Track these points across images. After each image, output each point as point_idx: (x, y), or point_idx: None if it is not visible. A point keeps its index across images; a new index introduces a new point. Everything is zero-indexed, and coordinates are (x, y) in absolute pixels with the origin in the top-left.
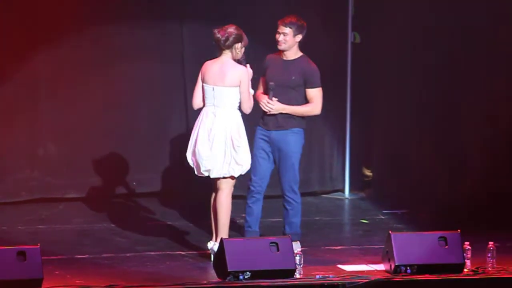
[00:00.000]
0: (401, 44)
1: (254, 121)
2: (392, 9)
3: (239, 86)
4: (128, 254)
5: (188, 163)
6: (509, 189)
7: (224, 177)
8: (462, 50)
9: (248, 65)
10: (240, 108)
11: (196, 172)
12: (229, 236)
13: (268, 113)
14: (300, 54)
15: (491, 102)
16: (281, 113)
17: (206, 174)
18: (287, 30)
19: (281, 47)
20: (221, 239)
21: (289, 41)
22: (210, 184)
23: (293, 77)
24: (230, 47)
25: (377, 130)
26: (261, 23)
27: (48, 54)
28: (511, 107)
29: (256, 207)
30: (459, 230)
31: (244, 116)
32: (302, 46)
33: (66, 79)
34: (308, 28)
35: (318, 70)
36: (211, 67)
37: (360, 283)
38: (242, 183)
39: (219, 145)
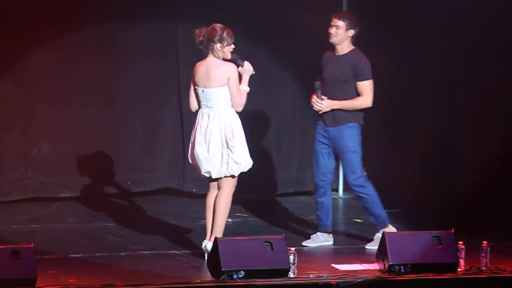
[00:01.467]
0: (396, 42)
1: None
2: (385, 8)
3: (228, 84)
4: (122, 253)
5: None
6: (503, 189)
7: (225, 176)
8: (457, 49)
9: (246, 62)
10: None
11: (199, 173)
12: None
13: (320, 112)
14: (351, 48)
15: (485, 102)
16: (335, 109)
17: (207, 175)
18: (340, 23)
19: (332, 40)
20: (215, 238)
21: (340, 34)
22: (205, 183)
23: (344, 72)
24: (208, 48)
25: (372, 129)
26: (257, 22)
27: (42, 54)
28: (505, 107)
29: (324, 200)
30: (452, 230)
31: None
32: (295, 45)
33: (59, 79)
34: (302, 29)
35: (369, 63)
36: (199, 69)
37: (354, 282)
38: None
39: (216, 146)
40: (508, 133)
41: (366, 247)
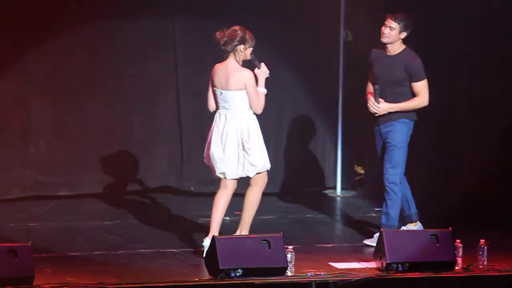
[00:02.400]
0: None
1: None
2: (383, 6)
3: (246, 90)
4: (120, 252)
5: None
6: (501, 188)
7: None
8: (456, 48)
9: (262, 64)
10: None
11: (213, 174)
12: (220, 233)
13: (376, 115)
14: (403, 47)
15: (484, 103)
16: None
17: (221, 176)
18: (395, 25)
19: (384, 40)
20: (213, 237)
21: (393, 36)
22: (203, 182)
23: (397, 73)
24: (232, 50)
25: (370, 128)
26: (254, 20)
27: (40, 52)
28: (504, 107)
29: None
30: (450, 228)
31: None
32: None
33: (57, 78)
34: (300, 26)
35: (421, 62)
36: (218, 71)
37: (352, 280)
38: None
39: (232, 148)
40: (506, 134)
41: (365, 241)
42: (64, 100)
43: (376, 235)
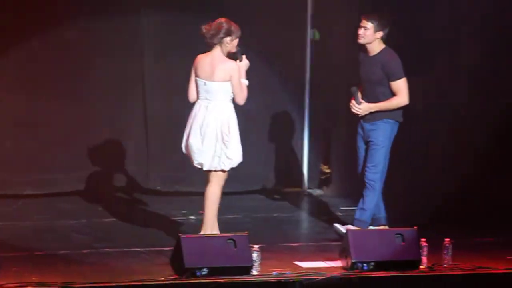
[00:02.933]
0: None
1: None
2: (351, 5)
3: (231, 81)
4: (86, 251)
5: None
6: (468, 188)
7: (215, 170)
8: (423, 46)
9: (244, 56)
10: (234, 101)
11: (191, 164)
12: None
13: (358, 116)
14: (382, 47)
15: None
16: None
17: (199, 167)
18: (369, 25)
19: (360, 41)
20: (178, 236)
21: (368, 36)
22: (169, 181)
23: (374, 72)
24: (218, 42)
25: (337, 127)
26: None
27: (5, 51)
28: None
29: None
30: (416, 227)
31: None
32: (262, 42)
33: (22, 76)
34: (268, 25)
35: (400, 62)
36: (202, 61)
37: (317, 279)
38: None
39: (210, 139)
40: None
41: (335, 224)
42: (30, 98)
43: (349, 226)
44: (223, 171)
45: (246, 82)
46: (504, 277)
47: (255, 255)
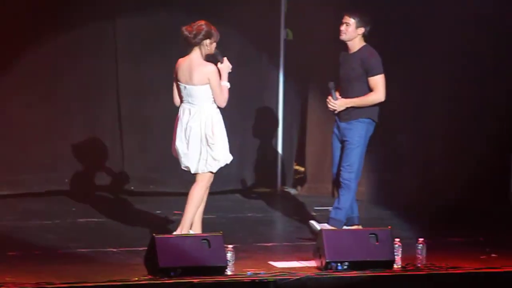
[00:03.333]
0: (335, 41)
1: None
2: (325, 5)
3: (209, 84)
4: (59, 251)
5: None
6: (440, 186)
7: (203, 172)
8: (395, 45)
9: (225, 59)
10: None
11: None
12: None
13: (335, 112)
14: (362, 44)
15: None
16: (349, 107)
17: (186, 170)
18: (351, 21)
19: (342, 37)
20: (152, 236)
21: (350, 32)
22: (143, 181)
23: (353, 69)
24: (198, 44)
25: (311, 127)
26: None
27: None
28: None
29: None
30: (389, 227)
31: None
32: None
33: None
34: (241, 24)
35: (379, 59)
36: (182, 65)
37: (291, 279)
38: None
39: (195, 143)
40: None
41: (311, 221)
42: (3, 100)
43: (324, 224)
44: (211, 172)
45: (227, 85)
46: (477, 277)
47: (229, 255)
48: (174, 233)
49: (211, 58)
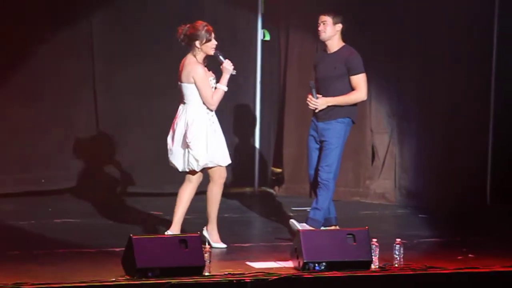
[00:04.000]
0: (312, 41)
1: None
2: (302, 6)
3: (195, 84)
4: (35, 252)
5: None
6: (415, 187)
7: (188, 171)
8: (370, 45)
9: (226, 61)
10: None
11: None
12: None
13: (316, 111)
14: (342, 44)
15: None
16: (330, 106)
17: (173, 167)
18: (326, 18)
19: (322, 36)
20: (130, 236)
21: (329, 30)
22: (116, 180)
23: (336, 68)
24: (188, 45)
25: (288, 128)
26: (171, 20)
27: None
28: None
29: None
30: (367, 227)
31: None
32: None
33: None
34: (218, 25)
35: (360, 57)
36: (180, 64)
37: (269, 280)
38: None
39: (178, 141)
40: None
41: (291, 220)
42: None
43: (303, 224)
44: (195, 171)
45: (222, 88)
46: (455, 277)
47: (207, 255)
48: (166, 232)
49: (215, 60)
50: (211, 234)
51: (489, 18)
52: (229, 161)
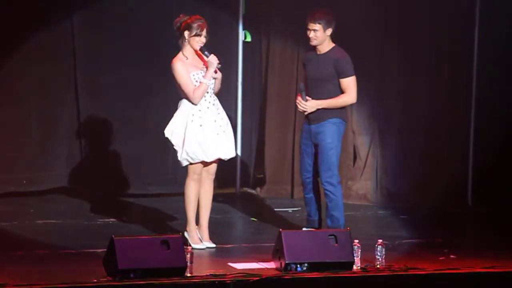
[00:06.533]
0: (294, 42)
1: None
2: (282, 7)
3: (174, 80)
4: (18, 253)
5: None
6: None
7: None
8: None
9: (212, 55)
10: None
11: None
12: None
13: (305, 113)
14: (332, 45)
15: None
16: (319, 108)
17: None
18: (317, 26)
19: (313, 43)
20: (111, 237)
21: (320, 36)
22: (98, 182)
23: (326, 70)
24: (180, 36)
25: (270, 128)
26: (153, 21)
27: None
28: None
29: (312, 196)
30: (348, 228)
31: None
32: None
33: None
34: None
35: (350, 59)
36: None
37: (250, 281)
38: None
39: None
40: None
41: (304, 229)
42: None
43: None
44: (191, 164)
45: (205, 82)
46: (436, 278)
47: (188, 256)
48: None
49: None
50: (203, 233)
51: (470, 19)
52: (217, 156)
